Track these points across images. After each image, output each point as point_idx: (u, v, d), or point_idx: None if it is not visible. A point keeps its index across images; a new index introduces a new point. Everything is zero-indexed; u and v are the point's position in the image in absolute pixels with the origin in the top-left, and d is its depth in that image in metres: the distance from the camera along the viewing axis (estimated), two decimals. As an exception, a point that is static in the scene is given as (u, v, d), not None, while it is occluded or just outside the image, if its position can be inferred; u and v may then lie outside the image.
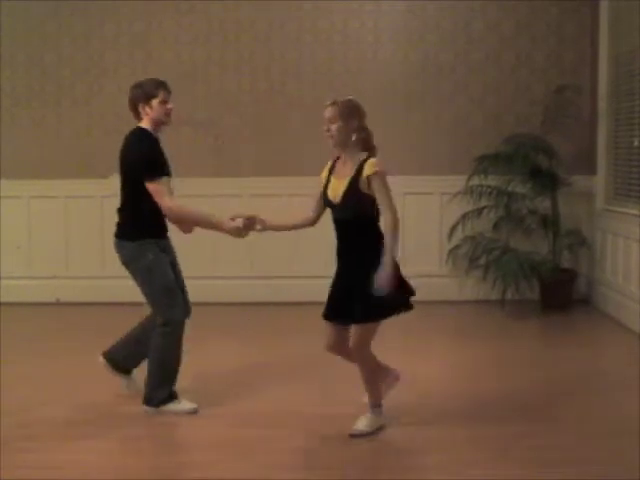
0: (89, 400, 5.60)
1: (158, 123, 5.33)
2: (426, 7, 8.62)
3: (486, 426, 5.05)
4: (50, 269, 8.93)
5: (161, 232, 5.36)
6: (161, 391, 5.30)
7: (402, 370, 6.32)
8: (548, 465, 4.43)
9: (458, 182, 8.48)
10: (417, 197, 8.72)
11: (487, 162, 8.30)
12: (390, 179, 8.91)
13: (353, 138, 4.76)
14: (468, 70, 8.68)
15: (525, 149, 8.18)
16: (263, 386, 5.88)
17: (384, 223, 4.65)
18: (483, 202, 8.43)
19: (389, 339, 7.29)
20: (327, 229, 5.16)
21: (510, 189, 8.38)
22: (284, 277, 8.71)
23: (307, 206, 4.99)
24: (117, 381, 5.62)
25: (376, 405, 4.96)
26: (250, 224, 5.10)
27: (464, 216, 8.50)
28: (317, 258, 8.37)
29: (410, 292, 4.79)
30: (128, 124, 8.82)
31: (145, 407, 5.32)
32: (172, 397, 5.33)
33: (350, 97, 4.87)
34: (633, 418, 5.06)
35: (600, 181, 8.48)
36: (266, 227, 5.11)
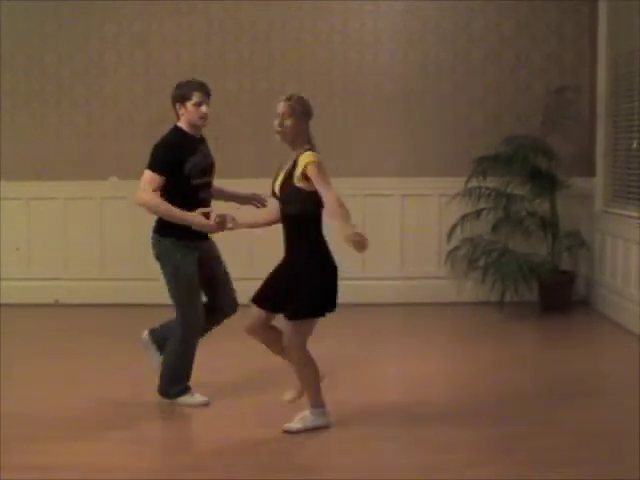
0: (88, 401, 5.60)
1: (192, 125, 5.37)
2: (426, 7, 8.62)
3: (486, 427, 5.05)
4: (49, 270, 8.92)
5: (195, 232, 5.30)
6: (175, 387, 5.42)
7: (401, 371, 6.35)
8: (548, 466, 4.43)
9: (457, 184, 8.47)
10: (416, 199, 8.72)
11: (486, 164, 8.29)
12: (390, 180, 8.95)
13: (301, 136, 4.81)
14: (468, 70, 8.68)
15: (524, 150, 8.18)
16: (264, 387, 5.88)
17: (326, 205, 4.63)
18: (482, 204, 8.42)
19: (388, 340, 7.32)
20: (327, 231, 5.19)
21: (509, 191, 8.38)
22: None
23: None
24: (116, 381, 5.60)
25: (314, 406, 4.94)
26: (221, 223, 5.14)
27: (463, 218, 8.49)
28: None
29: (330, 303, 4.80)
30: (128, 125, 8.90)
31: (161, 397, 5.44)
32: (187, 390, 5.44)
33: (302, 94, 4.95)
34: (633, 419, 5.06)
35: (599, 183, 8.48)
36: (237, 226, 5.18)
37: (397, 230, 8.74)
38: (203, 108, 5.34)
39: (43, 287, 8.85)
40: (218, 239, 8.34)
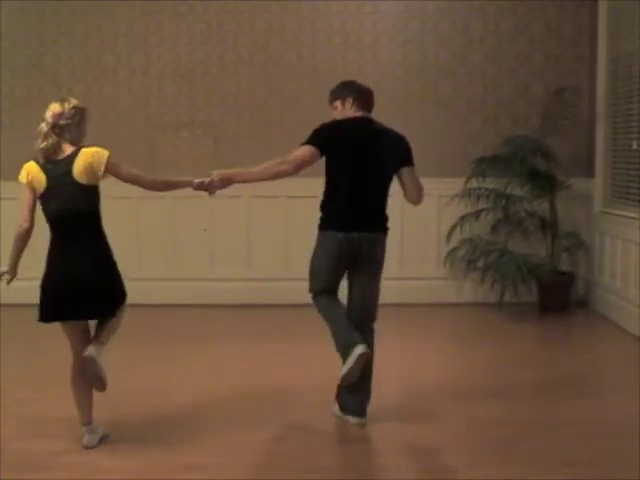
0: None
1: None
2: (425, 8, 8.62)
3: (485, 428, 5.05)
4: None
5: None
6: None
7: (401, 371, 6.36)
8: (548, 466, 4.43)
9: (456, 185, 8.47)
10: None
11: (485, 164, 8.30)
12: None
13: None
14: (467, 71, 8.68)
15: (523, 151, 8.18)
16: (264, 387, 5.88)
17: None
18: (481, 204, 8.42)
19: (386, 340, 7.31)
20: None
21: (508, 191, 8.38)
22: (283, 279, 8.69)
23: None
24: (115, 381, 5.59)
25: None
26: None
27: (462, 218, 8.49)
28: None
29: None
30: (127, 126, 8.87)
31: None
32: None
33: None
34: (632, 419, 5.06)
35: (598, 184, 8.48)
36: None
37: (396, 230, 8.65)
38: None
39: (42, 288, 8.83)
40: (216, 238, 8.35)
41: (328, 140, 4.94)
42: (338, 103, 5.18)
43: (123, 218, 8.70)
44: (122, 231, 8.73)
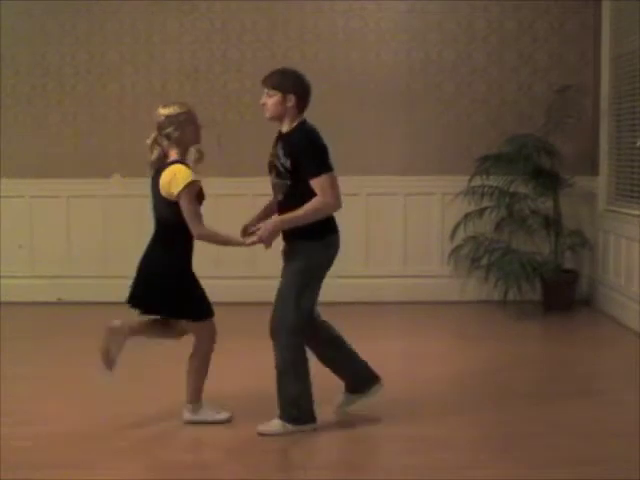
0: (90, 400, 5.61)
1: None
2: (428, 7, 8.62)
3: (486, 426, 5.06)
4: (52, 268, 8.93)
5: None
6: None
7: (402, 369, 6.36)
8: (549, 465, 4.43)
9: (460, 182, 8.48)
10: (419, 197, 8.72)
11: (489, 162, 8.30)
12: (393, 179, 8.96)
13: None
14: (470, 70, 8.68)
15: (527, 149, 8.17)
16: (268, 385, 5.88)
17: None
18: (485, 202, 8.42)
19: (390, 339, 7.32)
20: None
21: (512, 189, 8.37)
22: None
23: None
24: (118, 379, 5.60)
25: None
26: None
27: (466, 216, 8.50)
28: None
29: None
30: (130, 124, 8.88)
31: None
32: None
33: None
34: (634, 419, 5.06)
35: (602, 182, 8.47)
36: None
37: (400, 228, 8.75)
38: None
39: (46, 285, 8.87)
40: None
41: (328, 154, 4.91)
42: (277, 94, 4.88)
43: (126, 216, 8.72)
44: (126, 229, 8.77)
